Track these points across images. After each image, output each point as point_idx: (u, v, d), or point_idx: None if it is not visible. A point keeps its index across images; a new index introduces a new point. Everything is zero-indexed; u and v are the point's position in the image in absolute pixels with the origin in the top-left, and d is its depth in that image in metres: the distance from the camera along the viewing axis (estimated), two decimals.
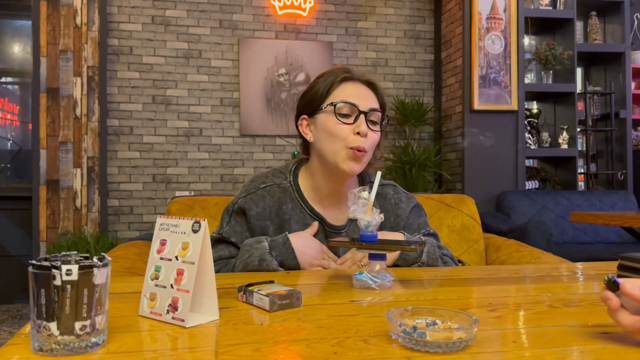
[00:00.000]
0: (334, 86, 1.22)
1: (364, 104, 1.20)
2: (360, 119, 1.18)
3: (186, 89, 4.26)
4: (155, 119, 4.21)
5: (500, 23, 4.03)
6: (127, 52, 4.18)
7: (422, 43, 4.65)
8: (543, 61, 4.17)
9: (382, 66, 4.58)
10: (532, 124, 4.30)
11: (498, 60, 4.03)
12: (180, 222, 0.80)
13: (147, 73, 4.20)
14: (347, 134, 1.18)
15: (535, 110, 4.37)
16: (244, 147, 4.34)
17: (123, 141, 4.16)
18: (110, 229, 4.09)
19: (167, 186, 4.22)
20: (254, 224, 1.24)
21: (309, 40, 4.43)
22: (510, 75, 4.03)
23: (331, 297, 0.95)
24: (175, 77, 4.25)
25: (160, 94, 4.22)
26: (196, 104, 4.28)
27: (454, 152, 4.23)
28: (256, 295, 0.85)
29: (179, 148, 4.25)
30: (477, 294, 1.02)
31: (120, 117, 4.16)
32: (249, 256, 1.18)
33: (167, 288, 0.78)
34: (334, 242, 1.12)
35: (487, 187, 3.99)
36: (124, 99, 4.17)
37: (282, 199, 1.26)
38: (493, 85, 4.01)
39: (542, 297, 0.94)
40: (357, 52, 4.54)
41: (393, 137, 4.57)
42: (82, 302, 0.62)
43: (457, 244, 1.88)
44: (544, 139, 4.28)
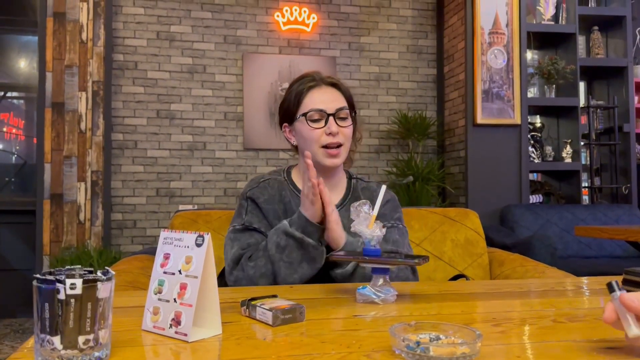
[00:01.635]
0: (302, 96, 1.39)
1: (331, 107, 1.36)
2: (329, 121, 1.35)
3: (190, 104, 4.28)
4: (159, 133, 4.23)
5: (502, 38, 4.05)
6: (132, 67, 4.21)
7: (425, 58, 4.67)
8: (546, 75, 4.18)
9: (385, 80, 4.60)
10: (536, 137, 4.30)
11: (501, 74, 4.04)
12: (183, 236, 0.80)
13: (151, 88, 4.23)
14: (320, 136, 1.35)
15: (539, 124, 4.37)
16: (248, 161, 4.36)
17: (127, 155, 4.18)
18: (113, 242, 4.09)
19: (170, 200, 4.23)
20: (266, 208, 1.38)
21: (312, 55, 4.46)
22: (513, 89, 4.04)
23: (334, 311, 0.95)
24: (179, 92, 4.27)
25: (164, 108, 4.25)
26: (200, 118, 4.30)
27: (457, 165, 4.23)
28: (259, 309, 0.85)
29: (182, 162, 4.26)
30: (481, 309, 1.01)
31: (125, 131, 4.18)
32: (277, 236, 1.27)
33: (170, 302, 0.78)
34: (336, 256, 1.12)
35: (491, 201, 3.98)
36: (129, 114, 4.20)
37: (280, 188, 1.42)
38: (496, 99, 4.02)
39: (547, 312, 0.93)
40: (360, 66, 4.57)
41: (396, 151, 4.58)
42: (85, 316, 0.62)
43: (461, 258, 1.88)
44: (547, 153, 4.28)
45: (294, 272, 1.26)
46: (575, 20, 4.19)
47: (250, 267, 1.29)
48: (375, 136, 4.58)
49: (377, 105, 4.59)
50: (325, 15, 4.50)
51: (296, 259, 1.25)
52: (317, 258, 1.27)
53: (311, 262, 1.26)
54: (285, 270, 1.26)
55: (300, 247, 1.25)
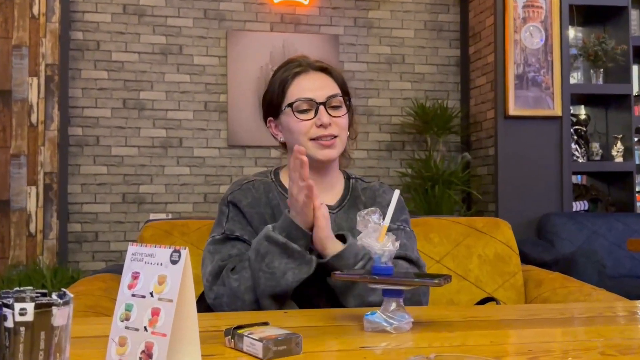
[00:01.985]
0: (287, 84, 1.41)
1: (321, 95, 1.39)
2: (320, 111, 1.37)
3: (164, 92, 4.29)
4: (126, 127, 4.23)
5: (539, 12, 4.05)
6: (94, 48, 4.22)
7: (446, 36, 4.68)
8: (592, 57, 4.19)
9: (397, 64, 4.61)
10: (580, 132, 4.30)
11: (537, 56, 4.05)
12: (156, 251, 0.80)
13: (117, 72, 4.24)
14: (309, 129, 1.38)
15: (583, 117, 4.37)
16: (232, 161, 4.36)
17: (87, 153, 4.18)
18: (70, 259, 4.09)
19: (139, 207, 4.22)
20: (249, 212, 1.40)
21: (310, 33, 4.47)
22: (553, 74, 4.04)
23: (337, 342, 0.95)
24: (150, 78, 4.28)
25: (132, 97, 4.25)
26: (175, 109, 4.30)
27: (486, 166, 4.23)
28: (247, 340, 0.85)
29: (154, 162, 4.26)
30: (515, 339, 1.01)
31: (85, 124, 4.18)
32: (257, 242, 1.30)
33: (139, 331, 0.77)
34: (340, 276, 1.13)
35: (526, 208, 3.97)
36: (90, 104, 4.20)
37: (267, 189, 1.44)
38: (532, 86, 4.03)
39: (594, 343, 0.93)
40: (368, 46, 4.57)
41: (412, 149, 4.58)
42: (38, 348, 0.62)
43: (490, 277, 1.88)
44: (594, 151, 4.29)
45: (276, 284, 1.26)
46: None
47: (233, 280, 1.30)
48: (387, 130, 4.58)
49: (389, 93, 4.59)
50: None
51: (278, 268, 1.26)
52: (304, 269, 1.27)
53: (296, 274, 1.27)
54: (265, 282, 1.27)
55: (284, 254, 1.26)
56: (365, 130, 4.52)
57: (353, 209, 1.42)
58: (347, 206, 1.44)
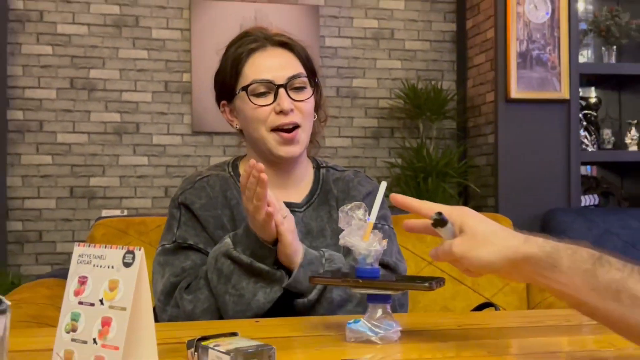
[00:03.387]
0: (241, 63, 1.39)
1: (281, 75, 1.36)
2: (280, 95, 1.34)
3: (117, 70, 4.25)
4: (74, 111, 4.19)
5: None
6: (36, 19, 4.16)
7: (441, 8, 4.69)
8: (604, 33, 4.23)
9: (386, 39, 4.61)
10: (590, 118, 4.35)
11: (543, 31, 4.07)
12: (106, 252, 0.80)
13: (63, 47, 4.19)
14: (267, 116, 1.35)
15: (594, 100, 4.42)
16: (198, 149, 4.34)
17: (29, 141, 4.13)
18: (10, 262, 4.05)
19: (90, 203, 4.19)
20: (203, 216, 1.38)
21: (286, 3, 4.46)
22: (560, 52, 4.08)
23: (316, 354, 0.95)
24: (102, 53, 4.24)
25: (81, 75, 4.21)
26: (131, 89, 4.27)
27: (485, 155, 4.26)
28: (212, 352, 0.85)
29: (107, 151, 4.23)
30: (516, 349, 1.02)
31: (26, 107, 4.14)
32: (218, 261, 1.28)
33: (88, 344, 0.77)
34: (320, 280, 1.13)
35: (529, 203, 4.01)
36: (32, 83, 4.15)
37: (224, 187, 1.42)
38: (536, 65, 4.06)
39: (604, 354, 0.95)
40: (353, 19, 4.57)
41: (402, 136, 4.59)
42: None
43: (489, 281, 1.90)
44: (605, 139, 4.33)
45: (246, 307, 1.26)
46: None
47: (187, 302, 1.29)
48: (374, 115, 4.59)
49: (376, 73, 4.60)
50: None
51: (247, 289, 1.26)
52: (275, 287, 1.27)
53: (268, 293, 1.26)
54: (234, 306, 1.26)
55: (251, 274, 1.25)
56: (349, 115, 4.52)
57: (324, 206, 1.41)
58: (317, 203, 1.43)
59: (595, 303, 0.82)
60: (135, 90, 4.28)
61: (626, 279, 0.80)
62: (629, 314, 0.79)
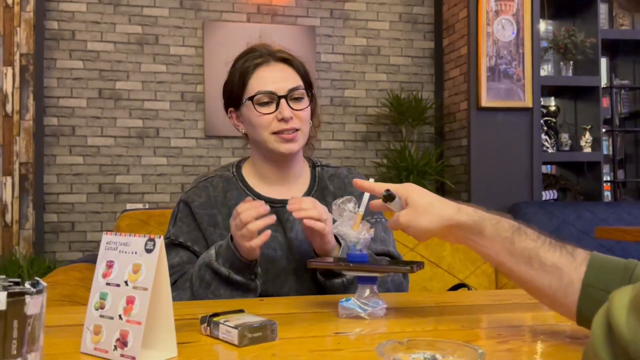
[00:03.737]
0: (248, 75, 1.38)
1: (282, 87, 1.36)
2: (281, 105, 1.34)
3: (140, 82, 4.24)
4: (102, 117, 4.18)
5: (511, 5, 4.08)
6: (69, 38, 4.15)
7: (421, 28, 4.69)
8: (562, 50, 4.23)
9: (373, 55, 4.61)
10: (550, 123, 4.35)
11: (509, 48, 4.08)
12: (130, 239, 0.80)
13: (92, 62, 4.18)
14: (270, 123, 1.35)
15: (553, 108, 4.42)
16: (210, 151, 4.33)
17: (63, 144, 4.12)
18: (47, 249, 4.04)
19: (116, 198, 4.18)
20: (200, 214, 1.37)
21: (287, 24, 4.45)
22: (524, 66, 4.08)
23: (312, 328, 0.95)
24: (126, 67, 4.23)
25: (108, 87, 4.20)
26: (152, 99, 4.26)
27: (459, 156, 4.26)
28: (222, 327, 0.85)
29: (130, 152, 4.22)
30: (485, 323, 1.03)
31: (60, 114, 4.12)
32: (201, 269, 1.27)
33: (114, 319, 0.77)
34: (315, 263, 1.13)
35: (497, 197, 4.02)
36: (65, 93, 4.14)
37: (226, 187, 1.41)
38: (504, 78, 4.06)
39: (562, 327, 0.95)
40: (344, 38, 4.56)
41: (387, 139, 4.59)
42: (10, 337, 0.61)
43: (462, 264, 1.90)
44: (563, 142, 4.34)
45: None
46: None
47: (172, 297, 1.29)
48: (363, 121, 4.59)
49: (365, 84, 4.60)
50: None
51: (225, 295, 1.26)
52: (250, 295, 1.28)
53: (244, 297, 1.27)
54: None
55: (228, 283, 1.25)
56: (341, 121, 4.52)
57: (320, 201, 1.41)
58: (315, 197, 1.42)
59: (511, 266, 0.86)
60: (155, 99, 4.27)
61: (538, 248, 0.84)
62: (538, 277, 0.83)
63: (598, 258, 0.82)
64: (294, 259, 1.34)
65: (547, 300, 0.85)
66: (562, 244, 0.85)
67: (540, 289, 0.84)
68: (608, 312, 0.49)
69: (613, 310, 0.48)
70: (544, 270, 0.82)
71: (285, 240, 1.35)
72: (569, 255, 0.82)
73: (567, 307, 0.82)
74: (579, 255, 0.82)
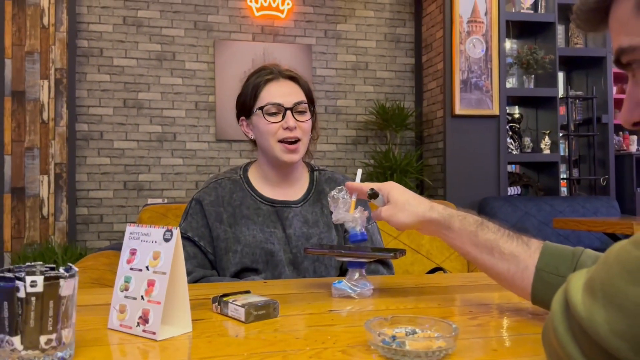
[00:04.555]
0: (259, 89, 1.39)
1: (289, 100, 1.36)
2: (287, 115, 1.35)
3: (159, 92, 4.23)
4: (126, 124, 4.17)
5: (481, 26, 4.09)
6: (97, 54, 4.13)
7: (403, 46, 4.69)
8: (525, 65, 4.24)
9: (362, 70, 4.61)
10: (514, 129, 4.36)
11: (479, 64, 4.08)
12: (151, 230, 0.79)
13: (118, 76, 4.16)
14: (277, 130, 1.36)
15: (517, 115, 4.43)
16: (220, 153, 4.32)
17: (92, 147, 4.11)
18: (79, 238, 4.03)
19: (139, 193, 4.17)
20: (209, 210, 1.37)
21: (287, 42, 4.44)
22: (492, 79, 4.09)
23: (309, 307, 0.95)
24: (147, 80, 4.21)
25: (131, 97, 4.18)
26: (170, 107, 4.25)
27: (436, 157, 4.27)
28: (231, 306, 0.85)
29: (151, 154, 4.21)
30: (459, 302, 1.03)
31: (90, 121, 4.11)
32: None
33: (137, 300, 0.77)
34: (312, 250, 1.13)
35: (469, 193, 4.03)
36: (94, 103, 4.12)
37: (233, 189, 1.41)
38: (474, 89, 4.07)
39: (525, 305, 0.95)
40: (337, 55, 4.56)
41: (374, 142, 4.59)
42: (47, 315, 0.61)
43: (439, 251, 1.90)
44: (526, 144, 4.35)
45: None
46: (555, 9, 4.26)
47: None
48: (353, 127, 4.59)
49: (355, 95, 4.59)
50: (300, 1, 4.48)
51: None
52: None
53: None
54: None
55: None
56: (334, 127, 4.52)
57: (317, 203, 1.42)
58: (312, 200, 1.42)
59: (476, 255, 0.88)
60: (172, 108, 4.26)
61: (498, 239, 0.85)
62: (498, 264, 0.84)
63: (550, 246, 0.83)
64: (291, 252, 1.34)
65: (506, 283, 0.86)
66: (518, 235, 0.86)
67: (500, 274, 0.85)
68: (566, 292, 0.49)
69: (570, 290, 0.48)
70: (503, 258, 0.84)
71: (284, 236, 1.35)
72: (524, 244, 0.84)
73: (523, 289, 0.83)
74: (533, 244, 0.83)
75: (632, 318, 0.42)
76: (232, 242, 1.33)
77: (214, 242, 1.35)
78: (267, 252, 1.32)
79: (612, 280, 0.45)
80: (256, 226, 1.34)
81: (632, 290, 0.43)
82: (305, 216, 1.39)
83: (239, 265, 1.31)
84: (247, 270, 1.32)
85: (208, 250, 1.35)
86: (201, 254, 1.35)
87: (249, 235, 1.33)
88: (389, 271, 1.41)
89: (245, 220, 1.35)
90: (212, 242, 1.35)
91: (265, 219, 1.36)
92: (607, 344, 0.43)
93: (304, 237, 1.35)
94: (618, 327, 0.43)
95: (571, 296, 0.48)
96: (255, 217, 1.36)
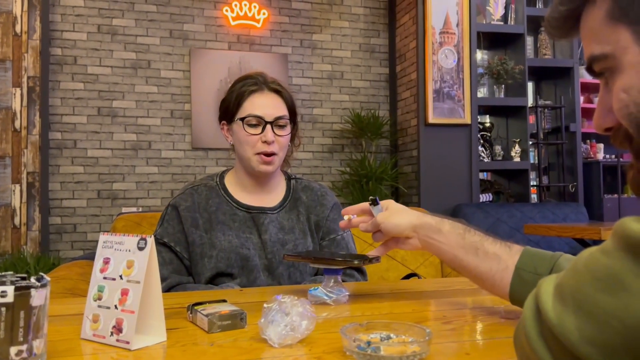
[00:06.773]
0: (243, 98, 1.38)
1: (270, 114, 1.36)
2: (266, 129, 1.35)
3: (134, 101, 4.18)
4: (100, 132, 4.11)
5: (453, 37, 4.15)
6: (71, 62, 4.07)
7: (377, 57, 4.73)
8: (495, 75, 4.31)
9: (337, 79, 4.63)
10: (485, 137, 4.43)
11: (451, 74, 4.14)
12: (124, 239, 0.78)
13: (92, 84, 4.10)
14: (255, 143, 1.35)
15: (488, 124, 4.50)
16: (196, 161, 4.29)
17: (66, 155, 4.04)
18: (52, 248, 3.94)
19: (113, 202, 4.11)
20: (185, 216, 1.36)
21: (263, 52, 4.44)
22: (464, 89, 4.15)
23: None
24: (122, 88, 4.16)
25: (106, 105, 4.13)
26: (145, 116, 4.20)
27: (410, 165, 4.30)
28: (199, 314, 0.84)
29: (126, 162, 4.15)
30: (433, 307, 1.04)
31: (63, 130, 4.04)
32: None
33: (110, 309, 0.75)
34: (290, 256, 1.13)
35: (442, 199, 4.07)
36: (68, 111, 4.05)
37: (209, 195, 1.40)
38: (447, 99, 4.12)
39: (497, 309, 0.96)
40: (313, 64, 4.58)
41: (350, 151, 4.61)
42: (18, 326, 0.59)
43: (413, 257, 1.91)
44: (497, 152, 4.42)
45: None
46: (524, 20, 4.35)
47: None
48: (329, 135, 4.60)
49: (330, 104, 4.61)
50: (276, 11, 4.49)
51: None
52: None
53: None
54: None
55: None
56: (310, 135, 4.53)
57: (293, 210, 1.42)
58: (289, 207, 1.42)
59: (462, 256, 0.91)
60: (147, 116, 4.21)
61: (483, 241, 0.90)
62: (481, 264, 0.88)
63: (530, 249, 0.87)
64: (266, 257, 1.34)
65: (488, 284, 0.89)
66: (502, 240, 0.91)
67: (483, 274, 0.88)
68: (537, 297, 0.50)
69: (541, 295, 0.49)
70: (486, 257, 0.88)
71: (260, 241, 1.35)
72: (506, 247, 0.89)
73: (502, 289, 0.86)
74: (514, 247, 0.88)
75: (601, 325, 0.43)
76: (207, 247, 1.32)
77: (190, 248, 1.33)
78: (243, 257, 1.31)
79: (582, 287, 0.46)
80: (232, 232, 1.34)
81: (600, 297, 0.44)
82: (282, 222, 1.39)
83: (214, 270, 1.30)
84: (222, 275, 1.31)
85: (184, 255, 1.33)
86: (177, 259, 1.33)
87: (225, 241, 1.32)
88: (363, 277, 1.42)
89: (221, 225, 1.34)
90: (187, 247, 1.34)
91: (241, 224, 1.36)
92: (578, 350, 0.44)
93: (280, 243, 1.35)
94: (588, 333, 0.44)
95: (542, 302, 0.48)
96: (231, 223, 1.35)
